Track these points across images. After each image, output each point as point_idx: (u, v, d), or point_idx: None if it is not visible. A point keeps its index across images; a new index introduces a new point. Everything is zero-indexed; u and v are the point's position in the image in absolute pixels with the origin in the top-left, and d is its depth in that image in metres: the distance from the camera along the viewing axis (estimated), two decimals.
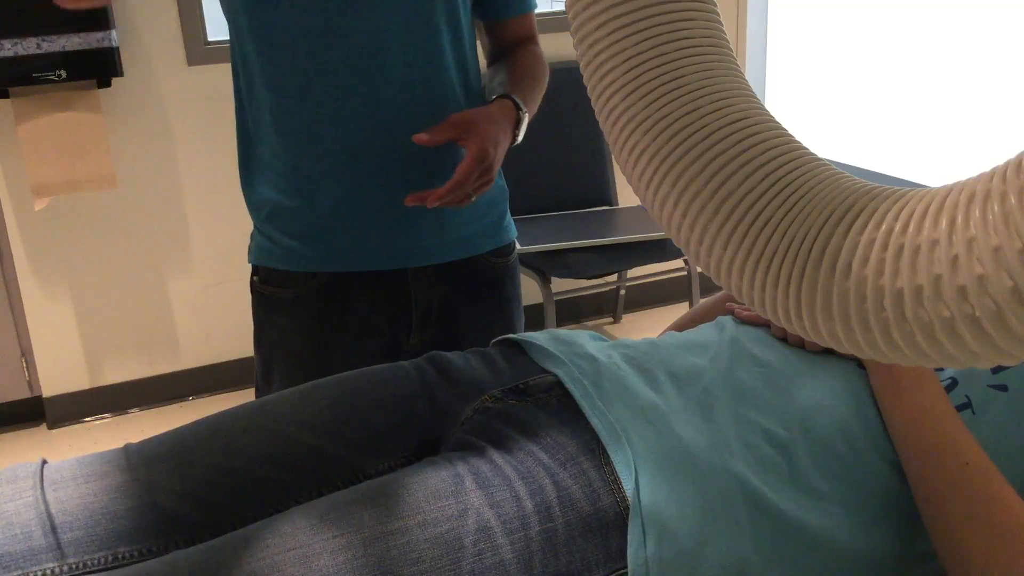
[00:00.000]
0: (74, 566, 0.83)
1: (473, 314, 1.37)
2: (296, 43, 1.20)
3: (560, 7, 3.36)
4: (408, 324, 1.34)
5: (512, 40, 1.42)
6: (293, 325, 1.33)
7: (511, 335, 1.06)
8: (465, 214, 1.32)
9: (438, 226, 1.30)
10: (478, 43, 1.39)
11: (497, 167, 1.21)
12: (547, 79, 1.40)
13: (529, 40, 1.43)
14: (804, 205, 0.51)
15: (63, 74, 2.51)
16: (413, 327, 1.34)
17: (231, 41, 1.27)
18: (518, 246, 1.45)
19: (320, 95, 1.22)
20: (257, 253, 1.34)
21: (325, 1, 1.18)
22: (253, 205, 1.33)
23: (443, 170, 1.24)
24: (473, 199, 1.21)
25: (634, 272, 3.19)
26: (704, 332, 1.06)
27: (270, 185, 1.29)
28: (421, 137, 1.17)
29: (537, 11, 1.45)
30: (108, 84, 2.61)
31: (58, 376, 2.89)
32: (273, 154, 1.27)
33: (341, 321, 1.32)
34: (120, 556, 0.85)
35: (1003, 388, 0.93)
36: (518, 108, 1.26)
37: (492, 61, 1.43)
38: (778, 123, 0.55)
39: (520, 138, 1.27)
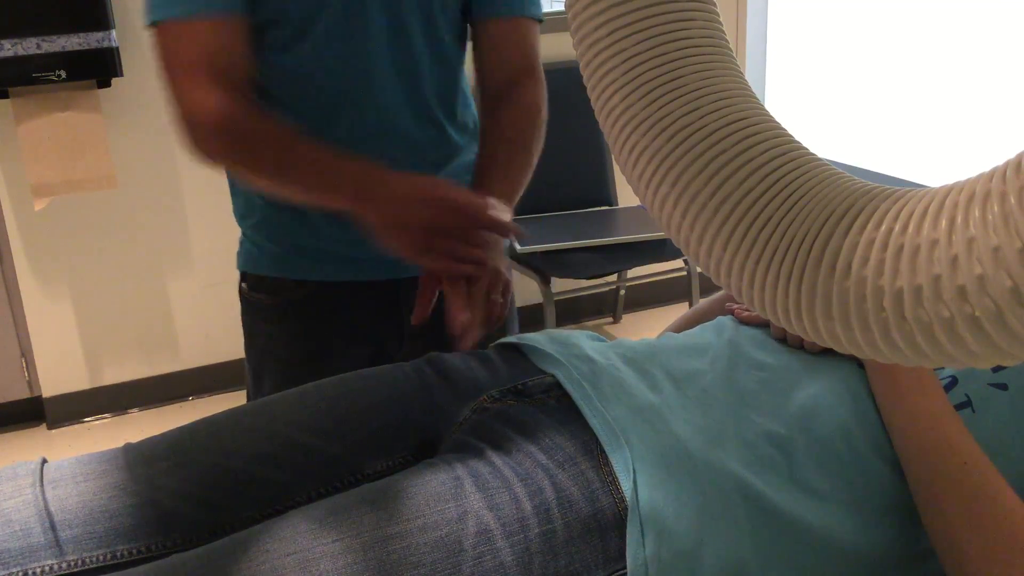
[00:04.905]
0: (73, 563, 0.83)
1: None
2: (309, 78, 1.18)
3: (560, 7, 3.36)
4: (399, 334, 1.31)
5: (498, 60, 1.27)
6: (282, 333, 1.31)
7: (509, 337, 1.06)
8: None
9: None
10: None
11: (492, 254, 1.10)
12: (536, 148, 1.28)
13: (522, 76, 1.27)
14: (804, 205, 0.51)
15: (63, 74, 2.51)
16: (404, 336, 1.32)
17: None
18: (517, 247, 1.43)
19: (310, 116, 1.20)
20: (245, 259, 1.32)
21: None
22: (240, 212, 1.31)
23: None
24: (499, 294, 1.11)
25: (634, 272, 3.19)
26: (703, 334, 1.06)
27: (259, 194, 1.26)
28: (419, 317, 1.10)
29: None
30: (108, 84, 2.61)
31: (58, 376, 2.89)
32: None
33: (331, 330, 1.30)
34: (119, 554, 0.85)
35: (1003, 387, 0.93)
36: None
37: (483, 99, 1.29)
38: (778, 123, 0.55)
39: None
